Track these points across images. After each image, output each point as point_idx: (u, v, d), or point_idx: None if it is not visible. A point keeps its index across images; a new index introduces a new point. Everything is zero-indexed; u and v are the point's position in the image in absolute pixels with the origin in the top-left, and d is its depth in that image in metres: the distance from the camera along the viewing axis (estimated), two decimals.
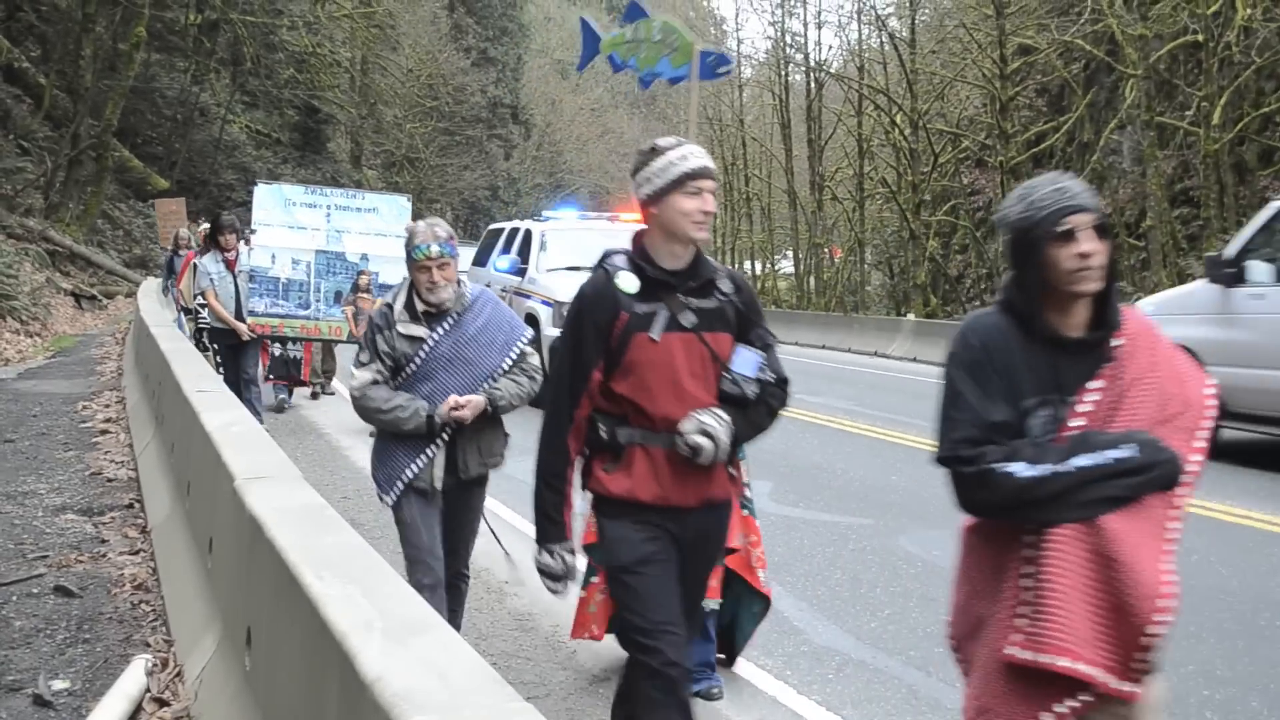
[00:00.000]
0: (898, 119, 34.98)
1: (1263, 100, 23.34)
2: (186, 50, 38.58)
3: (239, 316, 10.63)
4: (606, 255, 3.67)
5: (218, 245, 10.75)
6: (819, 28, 54.61)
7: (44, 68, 32.31)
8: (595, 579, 5.07)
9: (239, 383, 10.38)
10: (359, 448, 11.40)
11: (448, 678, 2.41)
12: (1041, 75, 30.84)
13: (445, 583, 4.96)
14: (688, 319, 3.50)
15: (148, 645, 5.14)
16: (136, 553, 6.83)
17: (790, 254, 47.52)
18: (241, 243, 11.04)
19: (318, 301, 11.61)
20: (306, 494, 4.26)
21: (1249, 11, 21.87)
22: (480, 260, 18.00)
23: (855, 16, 39.93)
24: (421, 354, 4.79)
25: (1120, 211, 26.96)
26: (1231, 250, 10.73)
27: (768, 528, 7.94)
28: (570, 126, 68.31)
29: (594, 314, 3.51)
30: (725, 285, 3.63)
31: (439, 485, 4.85)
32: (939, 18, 36.58)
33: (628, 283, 3.51)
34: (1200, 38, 22.50)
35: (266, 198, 11.63)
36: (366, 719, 2.40)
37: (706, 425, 3.42)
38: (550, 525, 3.68)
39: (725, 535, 3.91)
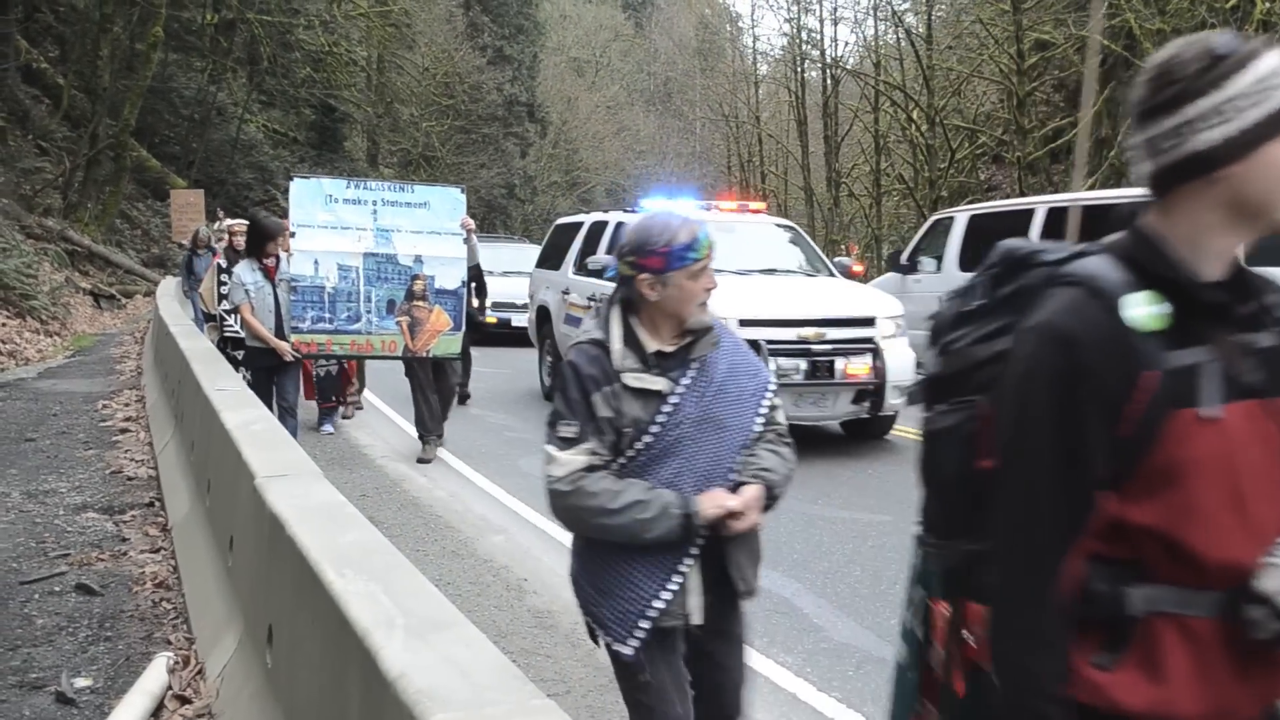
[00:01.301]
0: (914, 115, 34.90)
1: None
2: (203, 50, 38.64)
3: (280, 334, 9.44)
4: (1068, 261, 2.03)
5: (258, 252, 9.51)
6: (835, 24, 54.60)
7: (62, 68, 32.43)
8: None
9: (282, 410, 9.35)
10: (377, 445, 11.44)
11: (470, 675, 2.42)
12: (1059, 70, 30.71)
13: None
14: (1255, 374, 1.93)
15: (169, 643, 5.16)
16: (157, 551, 6.85)
17: None
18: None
19: (368, 313, 9.92)
20: (326, 491, 4.27)
21: (1267, 5, 21.77)
22: (550, 261, 15.50)
23: (871, 13, 39.86)
24: (661, 418, 3.21)
25: None
26: (906, 251, 15.92)
27: (787, 524, 7.94)
28: (586, 124, 68.23)
29: (1095, 376, 1.86)
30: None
31: (698, 618, 3.32)
32: (955, 13, 36.43)
33: (1148, 311, 1.88)
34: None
35: (304, 194, 9.78)
36: (389, 716, 2.41)
37: None
38: None
39: None
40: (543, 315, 14.92)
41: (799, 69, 44.38)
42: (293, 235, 9.60)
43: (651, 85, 79.07)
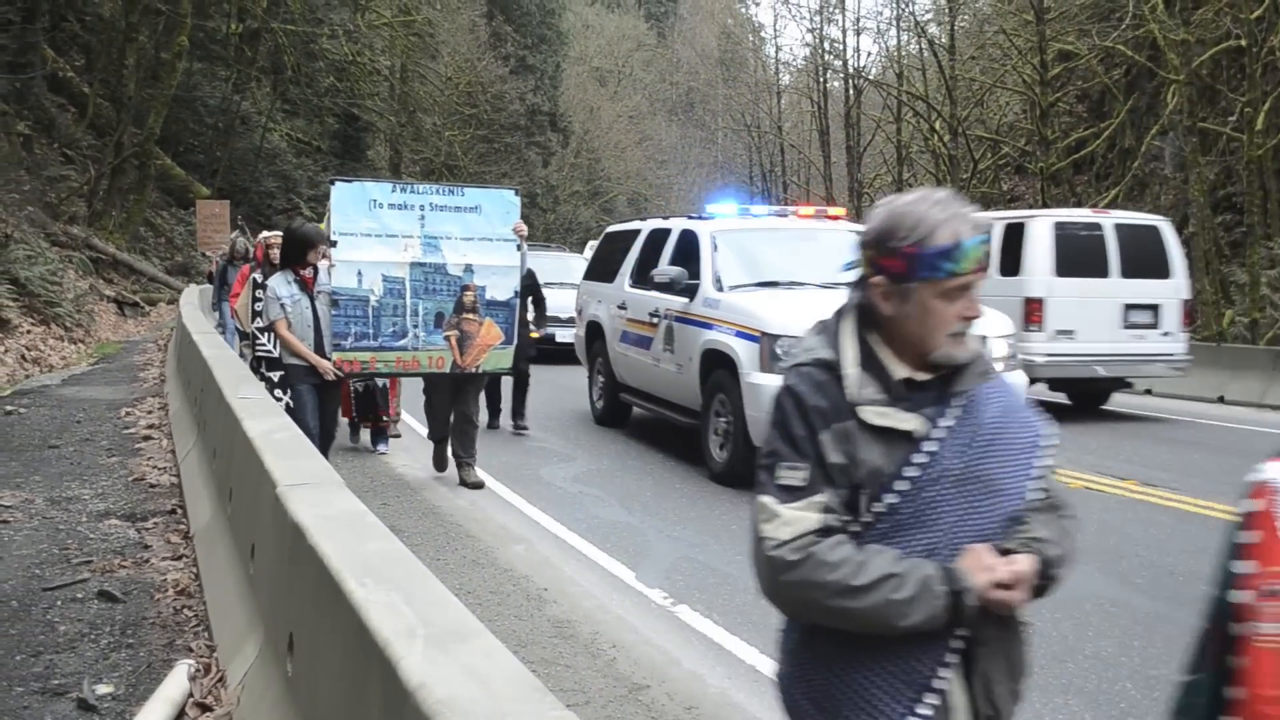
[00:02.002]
0: (937, 125, 34.87)
1: None
2: (228, 59, 38.88)
3: (320, 351, 8.65)
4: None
5: (295, 262, 8.60)
6: (857, 34, 54.47)
7: (88, 77, 32.67)
8: None
9: (321, 436, 8.52)
10: (397, 452, 11.46)
11: (490, 685, 2.41)
12: (1082, 81, 30.66)
13: None
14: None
15: (190, 650, 5.17)
16: (179, 558, 6.87)
17: None
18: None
19: (415, 328, 9.15)
20: (348, 500, 4.27)
21: None
22: (602, 272, 14.15)
23: (894, 23, 39.95)
24: (912, 471, 2.32)
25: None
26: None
27: None
28: (608, 134, 68.40)
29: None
30: None
31: None
32: (978, 24, 36.42)
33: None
34: (1243, 43, 22.30)
35: (347, 199, 8.92)
36: None
37: None
38: None
39: None
40: (593, 332, 13.89)
41: (821, 79, 44.42)
42: (333, 244, 8.77)
43: (674, 95, 79.23)
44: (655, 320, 11.66)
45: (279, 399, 8.63)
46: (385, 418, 11.74)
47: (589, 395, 14.10)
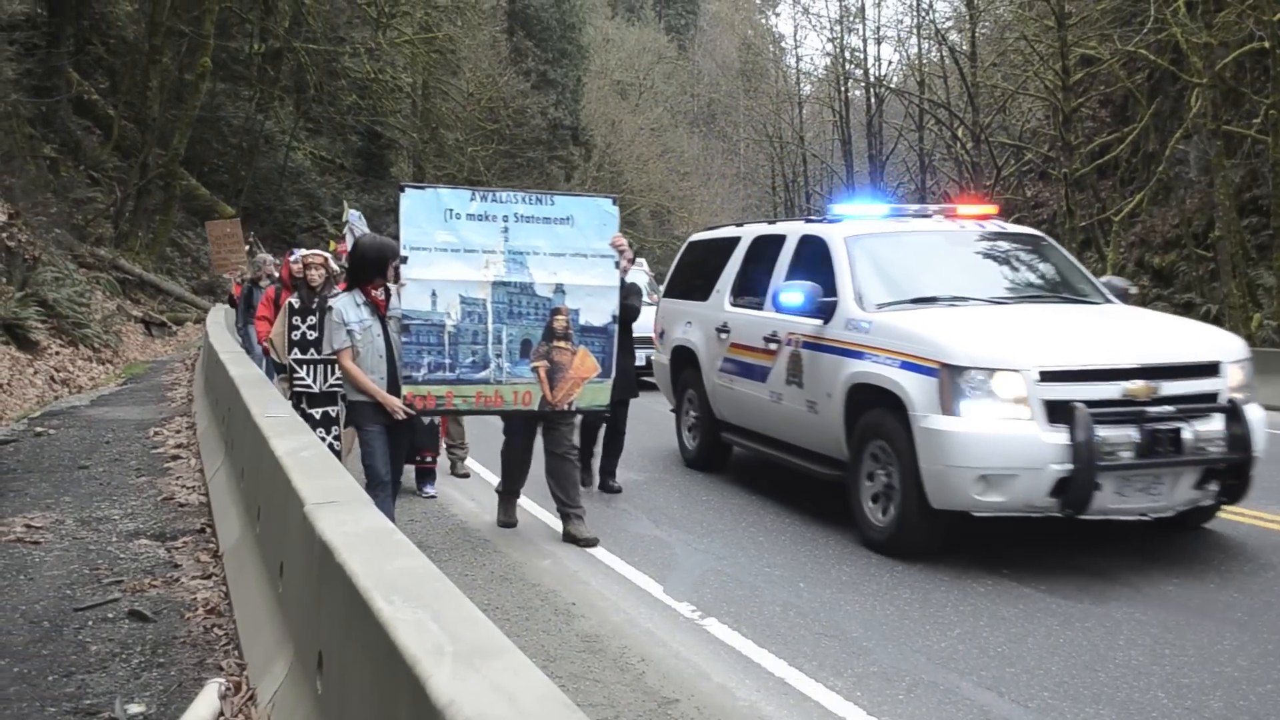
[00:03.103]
0: (959, 132, 34.84)
1: None
2: (251, 79, 39.13)
3: (392, 386, 7.61)
4: None
5: (368, 281, 7.65)
6: (878, 43, 54.39)
7: (112, 99, 32.94)
8: None
9: (392, 479, 7.71)
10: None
11: (518, 703, 2.42)
12: (1105, 86, 30.53)
13: None
14: None
15: (221, 669, 5.19)
16: (209, 577, 6.90)
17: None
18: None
19: (498, 357, 7.92)
20: (375, 518, 4.28)
21: None
22: (688, 288, 12.11)
23: (915, 31, 39.94)
24: None
25: (1188, 222, 26.61)
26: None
27: (834, 548, 7.92)
28: (630, 146, 68.44)
29: None
30: None
31: None
32: (999, 31, 36.33)
33: None
34: (1267, 44, 22.17)
35: (418, 209, 7.81)
36: None
37: None
38: None
39: None
40: (682, 359, 11.85)
41: (843, 88, 44.43)
42: (404, 261, 7.67)
43: (695, 107, 79.34)
44: (773, 346, 9.62)
45: (330, 443, 8.19)
46: (429, 458, 10.36)
47: (677, 433, 12.07)
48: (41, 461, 10.86)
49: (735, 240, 11.36)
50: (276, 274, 15.09)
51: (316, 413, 8.91)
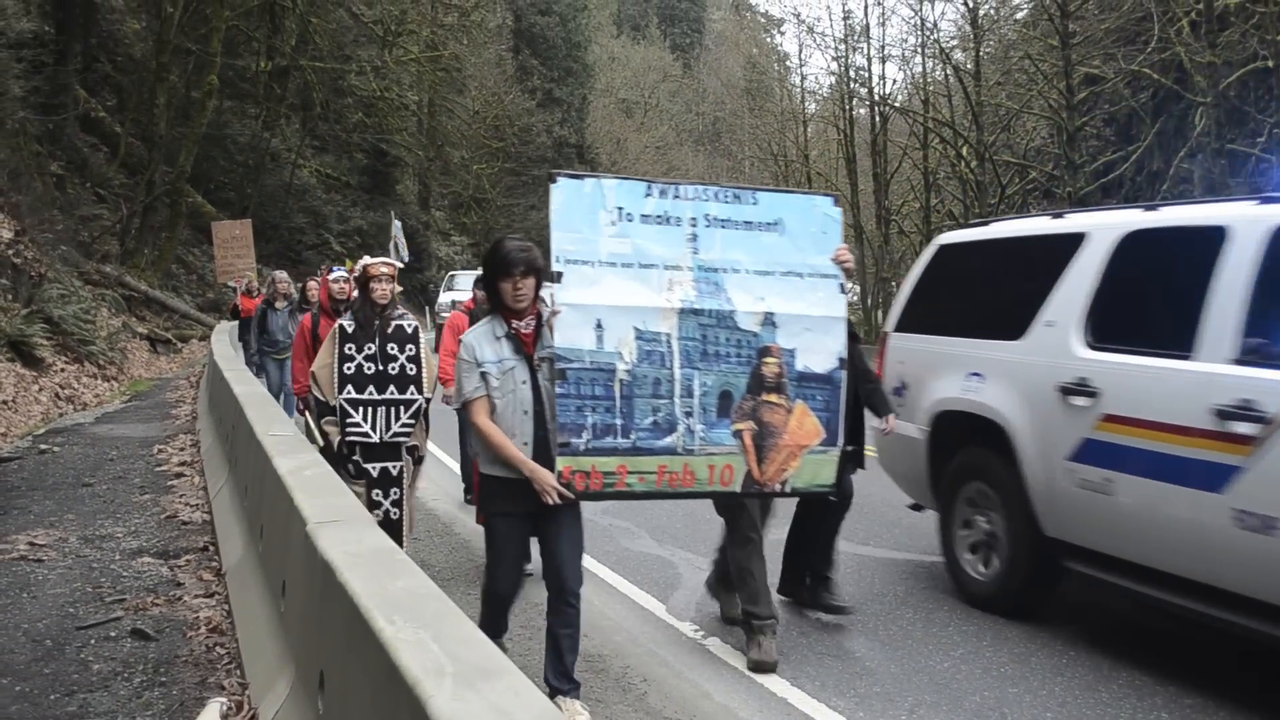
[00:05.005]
0: (964, 151, 34.83)
1: None
2: (257, 97, 39.25)
3: (542, 456, 5.23)
4: None
5: (508, 304, 5.30)
6: (883, 62, 54.42)
7: (119, 116, 33.03)
8: None
9: (554, 593, 5.40)
10: (428, 487, 11.46)
11: None
12: (1109, 104, 30.55)
13: None
14: None
15: (223, 688, 5.19)
16: (211, 595, 6.90)
17: (857, 288, 47.51)
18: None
19: (688, 416, 5.57)
20: (377, 537, 4.28)
21: None
22: (964, 318, 7.98)
23: (919, 50, 39.91)
24: None
25: None
26: None
27: (840, 567, 7.92)
28: (635, 165, 68.53)
29: None
30: None
31: None
32: (1003, 49, 36.37)
33: None
34: (1270, 64, 22.21)
35: (575, 206, 5.70)
36: None
37: None
38: None
39: None
40: (956, 432, 7.72)
41: (847, 107, 44.44)
42: (556, 279, 5.46)
43: (700, 125, 79.48)
44: (1242, 429, 5.51)
45: (378, 509, 6.75)
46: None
47: (945, 551, 7.84)
48: (45, 479, 10.87)
49: (1072, 240, 7.19)
50: (295, 294, 14.52)
51: (374, 468, 6.94)
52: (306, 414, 7.90)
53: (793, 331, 5.79)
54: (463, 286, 32.14)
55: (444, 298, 29.81)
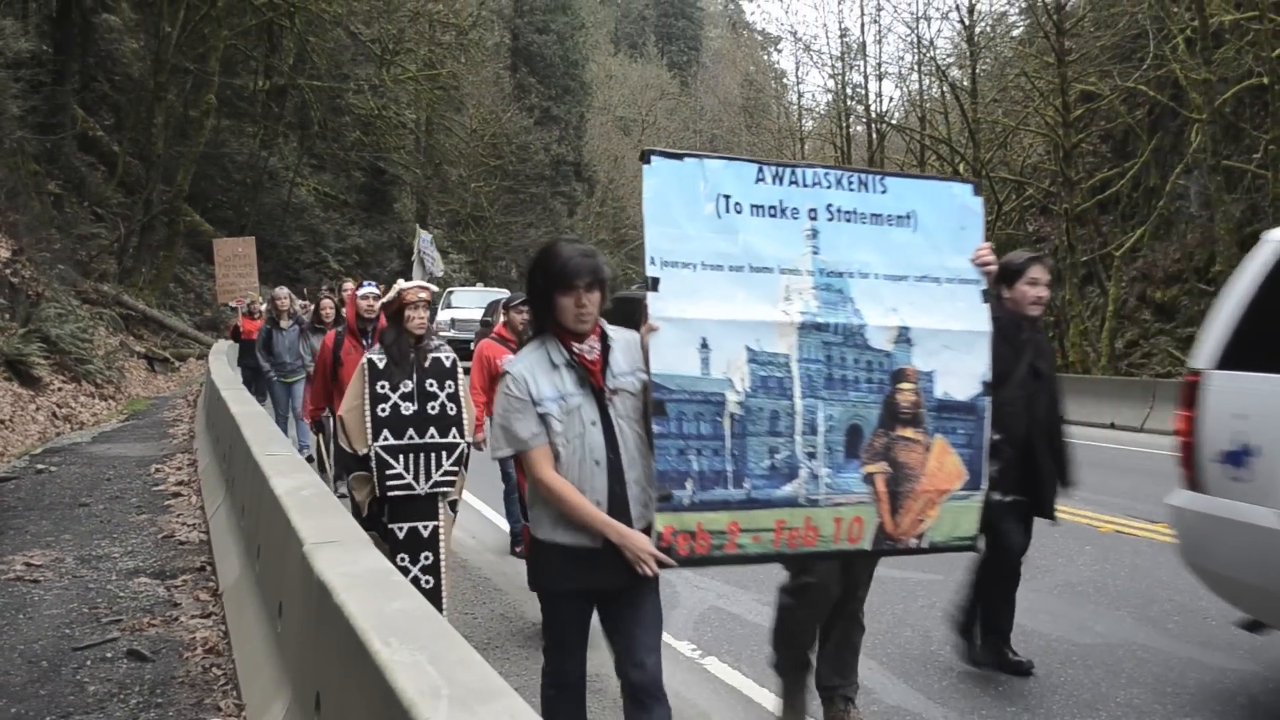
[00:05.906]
0: (960, 168, 34.87)
1: None
2: (255, 116, 39.37)
3: (617, 515, 3.99)
4: None
5: (544, 319, 4.18)
6: (879, 79, 54.46)
7: (117, 136, 33.13)
8: None
9: (631, 696, 4.24)
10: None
11: None
12: (1105, 121, 30.63)
13: None
14: None
15: (219, 710, 5.18)
16: (208, 616, 6.89)
17: None
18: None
19: (811, 458, 4.34)
20: (374, 559, 4.28)
21: None
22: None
23: (916, 68, 39.96)
24: None
25: (1189, 256, 26.67)
26: None
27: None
28: (633, 182, 68.52)
29: None
30: None
31: None
32: (1000, 67, 36.45)
33: None
34: (1266, 80, 22.27)
35: (674, 192, 4.36)
36: None
37: None
38: None
39: None
40: None
41: (844, 124, 44.50)
42: (651, 286, 4.17)
43: (698, 142, 79.43)
44: None
45: (422, 584, 6.03)
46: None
47: None
48: (42, 499, 10.86)
49: None
50: (299, 310, 13.92)
51: (400, 529, 6.12)
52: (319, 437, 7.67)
53: (930, 350, 4.59)
54: (461, 304, 32.03)
55: (443, 315, 29.73)
